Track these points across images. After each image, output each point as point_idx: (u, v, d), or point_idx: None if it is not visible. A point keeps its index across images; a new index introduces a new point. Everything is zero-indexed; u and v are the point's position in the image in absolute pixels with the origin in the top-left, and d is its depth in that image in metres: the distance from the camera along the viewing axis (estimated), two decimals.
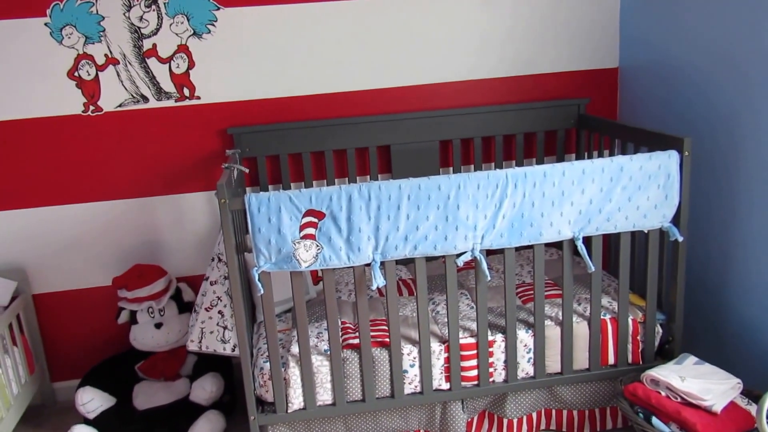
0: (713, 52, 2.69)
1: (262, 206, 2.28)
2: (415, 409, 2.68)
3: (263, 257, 2.34)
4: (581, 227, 2.49)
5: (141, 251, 3.27)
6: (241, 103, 3.18)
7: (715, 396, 2.31)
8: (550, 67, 3.34)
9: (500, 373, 2.65)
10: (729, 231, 2.71)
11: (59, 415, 3.21)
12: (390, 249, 2.38)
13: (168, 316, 3.11)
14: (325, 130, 3.19)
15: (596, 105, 3.39)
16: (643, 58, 3.17)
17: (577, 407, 2.76)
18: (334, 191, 2.30)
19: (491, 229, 2.42)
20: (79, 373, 3.25)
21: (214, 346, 2.78)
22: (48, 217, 3.17)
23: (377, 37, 3.20)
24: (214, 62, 3.12)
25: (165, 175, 3.21)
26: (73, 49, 3.04)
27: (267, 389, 2.51)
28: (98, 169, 3.17)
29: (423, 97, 3.29)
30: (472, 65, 3.29)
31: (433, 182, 2.34)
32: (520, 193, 2.40)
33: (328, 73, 3.21)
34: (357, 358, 2.54)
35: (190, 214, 3.27)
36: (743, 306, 2.67)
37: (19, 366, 2.98)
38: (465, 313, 2.75)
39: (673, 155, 2.48)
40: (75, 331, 3.32)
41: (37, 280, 3.24)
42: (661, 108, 3.06)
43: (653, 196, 2.50)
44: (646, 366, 2.62)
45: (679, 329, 2.68)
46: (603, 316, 2.67)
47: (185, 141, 3.19)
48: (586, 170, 2.43)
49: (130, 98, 3.12)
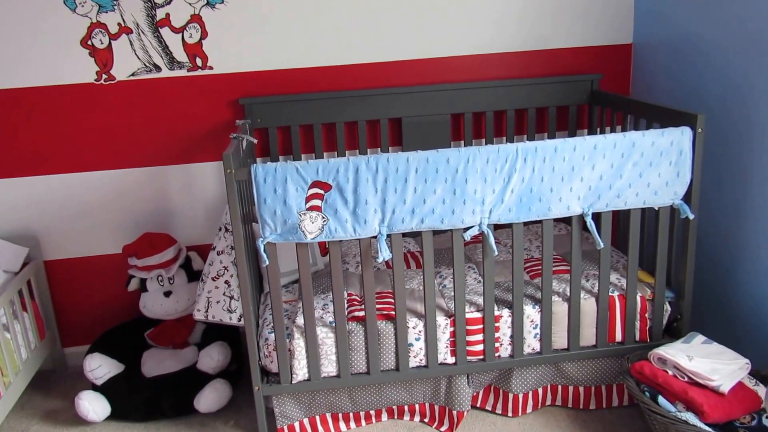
0: (729, 28, 2.64)
1: (268, 177, 2.27)
2: (420, 383, 2.68)
3: (269, 228, 2.33)
4: (591, 203, 2.47)
5: (151, 220, 3.29)
6: (253, 73, 3.17)
7: (723, 376, 2.30)
8: (564, 42, 3.29)
9: (506, 348, 2.65)
10: (741, 210, 2.67)
11: (69, 381, 3.25)
12: (397, 222, 2.37)
13: (177, 285, 3.13)
14: (336, 101, 3.17)
15: (609, 81, 3.34)
16: (657, 33, 3.11)
17: (583, 384, 2.75)
18: (341, 163, 2.28)
19: (499, 204, 2.40)
20: (90, 339, 3.29)
21: (220, 315, 2.80)
22: (60, 184, 3.19)
23: (391, 9, 3.16)
24: (227, 32, 3.11)
25: (176, 145, 3.22)
26: (87, 17, 3.03)
27: (272, 360, 2.53)
28: (110, 137, 3.18)
29: (435, 71, 3.26)
30: (486, 39, 3.25)
31: (442, 155, 2.31)
32: (529, 168, 2.37)
33: (340, 44, 3.18)
34: (362, 330, 2.54)
35: (200, 183, 3.27)
36: (753, 285, 2.64)
37: (29, 331, 3.02)
38: (472, 287, 2.74)
39: (685, 132, 2.44)
40: (85, 298, 3.36)
41: (49, 247, 3.27)
42: (674, 84, 3.01)
43: (665, 172, 2.46)
44: (654, 344, 2.61)
45: (687, 308, 2.66)
46: (611, 292, 2.65)
47: (197, 111, 3.19)
48: (597, 145, 2.39)
49: (143, 67, 3.12)
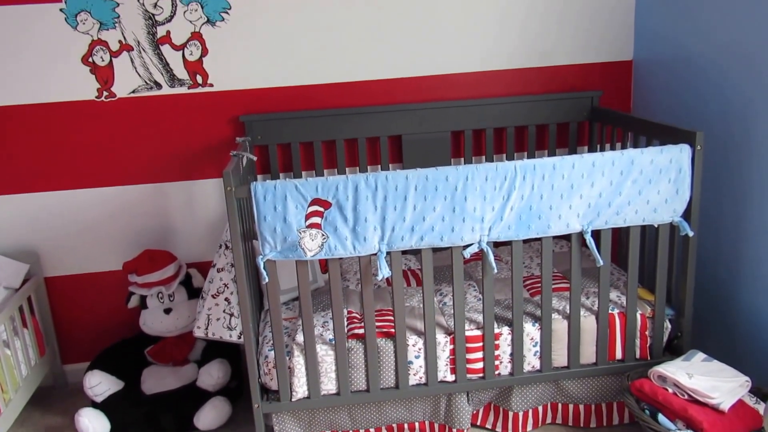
0: (727, 46, 2.65)
1: (267, 194, 2.28)
2: (420, 401, 2.67)
3: (268, 246, 2.34)
4: (590, 220, 2.47)
5: (152, 236, 3.29)
6: (253, 90, 3.18)
7: (723, 394, 2.29)
8: (564, 59, 3.30)
9: (506, 365, 2.64)
10: (741, 227, 2.67)
11: (68, 398, 3.24)
12: (396, 239, 2.37)
13: (177, 302, 3.13)
14: (336, 119, 3.18)
15: (610, 98, 3.35)
16: (657, 51, 3.13)
17: (583, 402, 2.74)
18: (341, 180, 2.29)
19: (499, 221, 2.40)
20: (90, 356, 3.27)
21: (220, 332, 2.80)
22: (61, 201, 3.20)
23: (391, 27, 3.18)
24: (227, 50, 3.13)
25: (177, 162, 3.23)
26: (88, 35, 3.06)
27: (271, 377, 2.52)
28: (111, 154, 3.19)
29: (435, 88, 3.27)
30: (486, 56, 3.27)
31: (441, 173, 2.32)
32: (528, 185, 2.38)
33: (340, 62, 3.20)
34: (362, 348, 2.54)
35: (201, 200, 3.28)
36: (754, 303, 2.63)
37: (29, 348, 3.01)
38: (472, 305, 2.74)
39: (684, 149, 2.44)
40: (86, 315, 3.36)
41: (49, 264, 3.27)
42: (675, 102, 3.02)
43: (664, 190, 2.46)
44: (654, 362, 2.60)
45: (687, 325, 2.65)
46: (611, 310, 2.65)
47: (197, 128, 3.20)
48: (596, 163, 2.40)
49: (144, 85, 3.14)
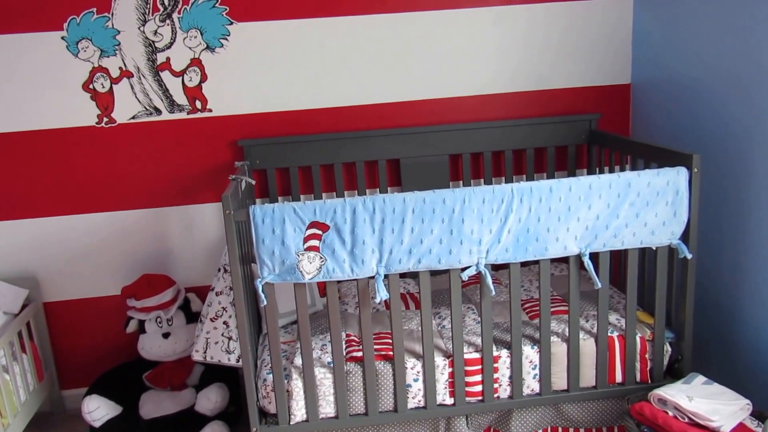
0: (723, 71, 2.68)
1: (266, 218, 2.29)
2: (419, 424, 2.65)
3: (267, 268, 2.34)
4: (588, 243, 2.47)
5: (150, 261, 3.30)
6: (252, 115, 3.21)
7: (723, 417, 2.27)
8: (563, 82, 3.33)
9: (505, 389, 2.62)
10: (739, 249, 2.67)
11: (67, 423, 3.23)
12: (394, 262, 2.37)
13: (176, 326, 3.13)
14: (335, 143, 3.20)
15: (608, 121, 3.37)
16: (654, 75, 3.15)
17: (583, 425, 2.72)
18: (339, 204, 2.30)
19: (496, 244, 2.40)
20: (88, 381, 3.25)
21: (218, 356, 2.79)
22: (60, 226, 3.21)
23: (389, 52, 3.21)
24: (227, 76, 3.15)
25: (176, 186, 3.24)
26: (89, 62, 3.09)
27: (270, 401, 2.51)
28: (110, 179, 3.20)
29: (433, 112, 3.30)
30: (484, 80, 3.29)
31: (438, 196, 2.33)
32: (525, 208, 2.38)
33: (339, 86, 3.22)
34: (361, 371, 2.53)
35: (199, 224, 3.29)
36: (754, 325, 2.63)
37: (27, 373, 3.01)
38: (471, 328, 2.73)
39: (681, 171, 2.45)
40: (84, 340, 3.35)
41: (48, 289, 3.27)
42: (672, 125, 3.04)
43: (661, 212, 2.47)
44: (655, 385, 2.58)
45: (688, 348, 2.64)
46: (611, 333, 2.64)
47: (196, 153, 3.22)
48: (593, 185, 2.41)
49: (143, 110, 3.16)
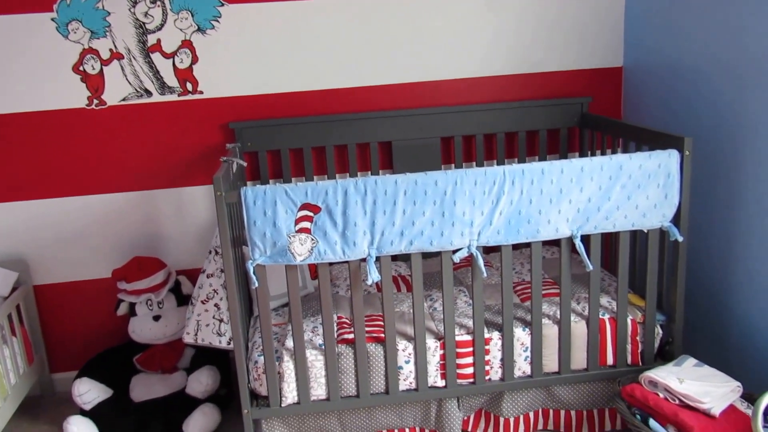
0: (715, 55, 2.68)
1: (257, 199, 2.28)
2: (410, 406, 2.66)
3: (258, 250, 2.33)
4: (579, 225, 2.47)
5: (141, 244, 3.28)
6: (243, 98, 3.19)
7: (714, 399, 2.28)
8: (554, 65, 3.32)
9: (497, 371, 2.63)
10: (730, 232, 2.68)
11: (57, 406, 3.21)
12: (386, 244, 2.37)
13: (167, 309, 3.12)
14: (326, 125, 3.19)
15: (599, 104, 3.36)
16: (646, 58, 3.15)
17: (574, 408, 2.73)
18: (330, 185, 2.29)
19: (488, 226, 2.40)
20: (78, 364, 3.25)
21: (209, 338, 2.79)
22: (50, 209, 3.19)
23: (380, 33, 3.19)
24: (218, 57, 3.13)
25: (167, 169, 3.22)
26: (79, 43, 3.06)
27: (261, 383, 2.51)
28: (101, 162, 3.18)
29: (425, 94, 3.28)
30: (477, 63, 3.28)
31: (430, 178, 2.32)
32: (517, 190, 2.38)
33: (331, 69, 3.20)
34: (352, 353, 2.53)
35: (190, 207, 3.27)
36: (744, 308, 2.64)
37: (17, 356, 2.99)
38: (462, 310, 2.73)
39: (673, 154, 2.45)
40: (75, 323, 3.34)
41: (38, 272, 3.26)
42: (664, 108, 3.04)
43: (653, 195, 2.47)
44: (646, 367, 2.59)
45: (678, 330, 2.65)
46: (602, 315, 2.65)
47: (187, 135, 3.20)
48: (584, 168, 2.40)
49: (134, 92, 3.14)
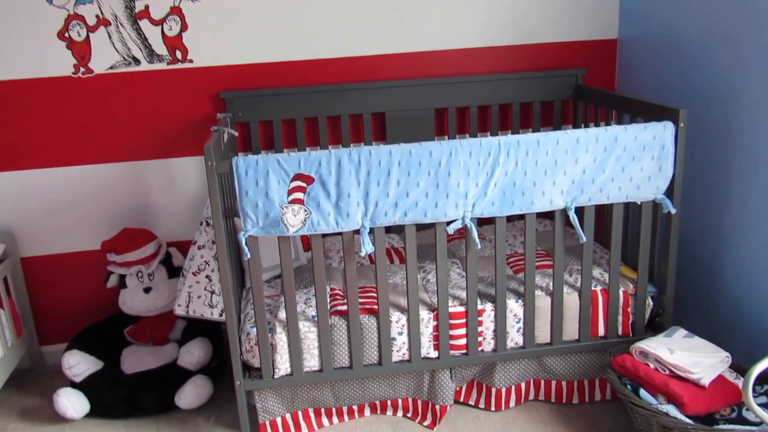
0: (711, 27, 2.66)
1: (249, 169, 2.25)
2: (403, 377, 2.67)
3: (250, 221, 2.31)
4: (574, 197, 2.47)
5: (131, 215, 3.24)
6: (234, 67, 3.13)
7: (704, 369, 2.31)
8: (549, 37, 3.29)
9: (489, 342, 2.64)
10: (722, 206, 2.68)
11: (47, 379, 3.20)
12: (379, 215, 2.36)
13: (157, 281, 3.09)
14: (319, 95, 3.15)
15: (594, 76, 3.34)
16: (641, 30, 3.12)
17: (565, 378, 2.75)
18: (324, 155, 2.27)
19: (482, 197, 2.39)
20: (68, 336, 3.22)
21: (201, 310, 2.77)
22: (37, 179, 3.14)
23: (375, 3, 3.14)
24: (208, 25, 3.07)
25: (156, 139, 3.18)
26: (64, 9, 2.99)
27: (253, 354, 2.51)
28: (88, 131, 3.13)
29: (419, 65, 3.25)
30: (471, 34, 3.24)
31: (425, 148, 2.30)
32: (512, 161, 2.37)
33: (323, 38, 3.16)
34: (345, 324, 2.52)
35: (181, 178, 3.24)
36: (734, 281, 2.65)
37: (5, 329, 2.96)
38: (455, 282, 2.73)
39: (668, 126, 2.45)
40: (64, 295, 3.31)
41: (26, 244, 3.22)
42: (658, 81, 3.02)
43: (647, 167, 2.47)
44: (636, 338, 2.61)
45: (669, 302, 2.67)
46: (594, 287, 2.66)
47: (177, 105, 3.15)
48: (580, 139, 2.39)
49: (122, 60, 3.08)
